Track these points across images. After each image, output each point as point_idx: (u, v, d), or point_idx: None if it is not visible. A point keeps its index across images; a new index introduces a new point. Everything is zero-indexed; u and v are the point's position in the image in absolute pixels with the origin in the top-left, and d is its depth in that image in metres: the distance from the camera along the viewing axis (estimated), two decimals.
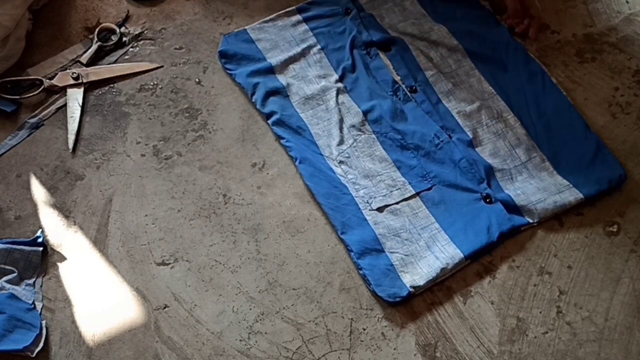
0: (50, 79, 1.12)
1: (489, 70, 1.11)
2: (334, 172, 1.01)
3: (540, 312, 0.91)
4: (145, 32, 1.19)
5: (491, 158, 1.02)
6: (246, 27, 1.17)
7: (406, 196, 0.99)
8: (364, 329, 0.91)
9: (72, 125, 1.08)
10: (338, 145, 1.04)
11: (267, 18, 1.18)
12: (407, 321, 0.91)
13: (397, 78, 1.11)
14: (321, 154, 1.03)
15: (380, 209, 0.98)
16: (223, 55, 1.14)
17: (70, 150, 1.06)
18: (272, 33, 1.17)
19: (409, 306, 0.92)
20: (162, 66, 1.15)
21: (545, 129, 1.04)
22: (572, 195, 0.97)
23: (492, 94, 1.09)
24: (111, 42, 1.17)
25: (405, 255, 0.94)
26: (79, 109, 1.10)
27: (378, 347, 0.89)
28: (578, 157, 1.01)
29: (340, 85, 1.10)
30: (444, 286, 0.93)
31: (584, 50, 1.14)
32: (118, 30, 1.18)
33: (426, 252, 0.94)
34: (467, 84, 1.10)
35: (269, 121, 1.07)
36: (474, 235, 0.94)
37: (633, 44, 1.14)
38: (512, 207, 0.97)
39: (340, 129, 1.06)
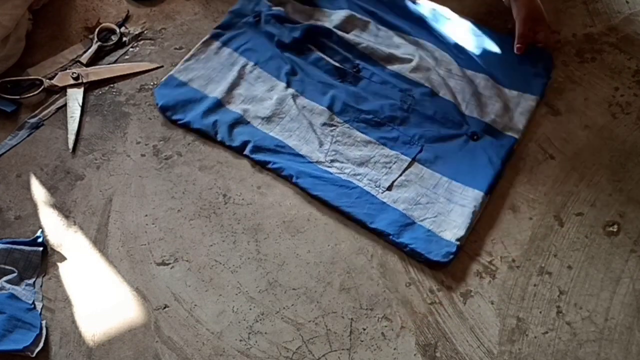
0: (50, 79, 1.13)
1: (403, 26, 1.17)
2: (332, 173, 1.02)
3: (540, 312, 0.91)
4: (145, 32, 1.19)
5: (454, 98, 1.08)
6: (172, 73, 1.12)
7: (404, 166, 1.02)
8: (364, 329, 0.91)
9: (72, 125, 1.08)
10: (320, 147, 1.04)
11: (188, 56, 1.14)
12: (407, 321, 0.91)
13: (337, 64, 1.13)
14: (310, 162, 1.03)
15: (389, 188, 1.00)
16: (165, 109, 1.08)
17: (70, 150, 1.06)
18: (200, 69, 1.13)
19: (409, 306, 0.92)
20: (162, 66, 1.15)
21: (471, 54, 1.13)
22: (528, 100, 1.06)
23: (419, 43, 1.15)
24: (111, 42, 1.17)
25: (434, 217, 0.97)
26: (79, 109, 1.10)
27: (378, 347, 0.89)
28: (509, 65, 1.10)
29: (291, 91, 1.10)
30: (444, 286, 0.93)
31: (584, 50, 1.14)
32: (118, 30, 1.18)
33: (450, 205, 0.98)
34: (395, 44, 1.15)
35: (246, 152, 1.04)
36: (482, 172, 1.00)
37: (633, 44, 1.14)
38: (496, 133, 1.04)
39: (314, 131, 1.06)
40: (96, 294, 0.94)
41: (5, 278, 0.93)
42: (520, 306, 0.92)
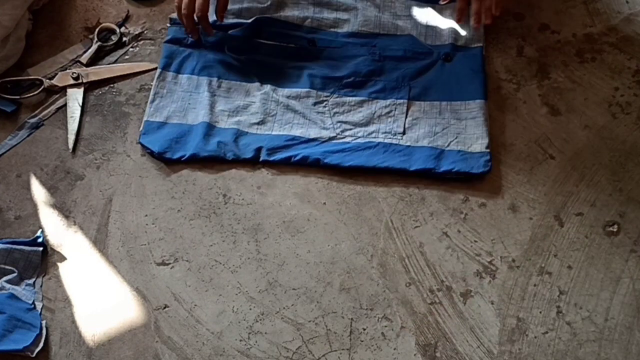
0: (50, 79, 1.12)
1: None
2: (349, 142, 1.04)
3: (540, 312, 0.91)
4: (145, 32, 1.19)
5: (414, 30, 1.15)
6: (146, 119, 1.07)
7: (405, 109, 1.07)
8: (364, 329, 0.91)
9: (72, 125, 1.08)
10: (324, 125, 1.06)
11: (151, 97, 1.08)
12: (407, 321, 0.91)
13: (293, 46, 1.14)
14: (324, 141, 1.05)
15: (404, 132, 1.04)
16: (162, 153, 1.03)
17: (70, 151, 1.06)
18: (169, 104, 1.08)
19: (409, 306, 0.92)
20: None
21: None
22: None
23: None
24: (111, 42, 1.17)
25: (456, 138, 1.04)
26: (79, 109, 1.10)
27: (378, 347, 0.89)
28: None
29: (267, 87, 1.09)
30: (444, 286, 0.93)
31: (584, 50, 1.14)
32: (118, 30, 1.18)
33: (462, 123, 1.05)
34: (334, 5, 1.18)
35: (263, 159, 1.03)
36: (471, 84, 1.08)
37: (633, 44, 1.14)
38: (463, 48, 1.13)
39: (310, 114, 1.07)
40: (96, 294, 0.94)
41: (5, 278, 0.93)
42: (520, 306, 0.92)
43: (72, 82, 1.12)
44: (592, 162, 1.03)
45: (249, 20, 1.15)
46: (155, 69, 1.14)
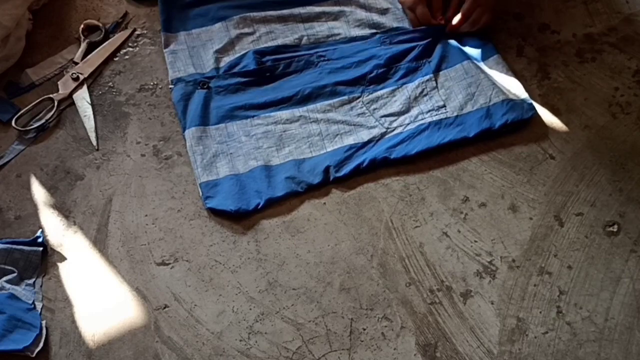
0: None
1: None
2: (402, 132, 1.05)
3: (540, 312, 0.91)
4: (145, 32, 1.19)
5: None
6: (200, 182, 1.01)
7: (434, 84, 1.09)
8: (364, 329, 0.91)
9: (89, 124, 1.09)
10: (370, 124, 1.06)
11: (193, 160, 1.03)
12: (407, 321, 0.91)
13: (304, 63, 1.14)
14: (380, 140, 1.05)
15: (444, 105, 1.07)
16: (238, 208, 0.99)
17: (96, 148, 1.06)
18: (212, 159, 1.03)
19: (409, 306, 0.92)
20: (134, 29, 1.18)
21: None
22: None
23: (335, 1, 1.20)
24: (98, 38, 1.18)
25: (495, 90, 1.07)
26: (90, 106, 1.10)
27: (378, 347, 0.89)
28: None
29: (299, 110, 1.07)
30: (444, 286, 0.93)
31: (584, 50, 1.14)
32: (101, 25, 1.18)
33: (492, 79, 1.08)
34: (318, 16, 1.18)
35: (334, 177, 1.01)
36: (481, 42, 1.13)
37: (633, 44, 1.14)
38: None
39: (352, 120, 1.06)
40: (96, 294, 0.94)
41: (5, 278, 0.93)
42: (520, 306, 0.92)
43: (74, 84, 1.12)
44: (592, 162, 1.03)
45: (245, 51, 1.13)
46: (132, 34, 1.17)
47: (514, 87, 1.08)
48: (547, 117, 1.08)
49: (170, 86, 1.11)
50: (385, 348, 0.89)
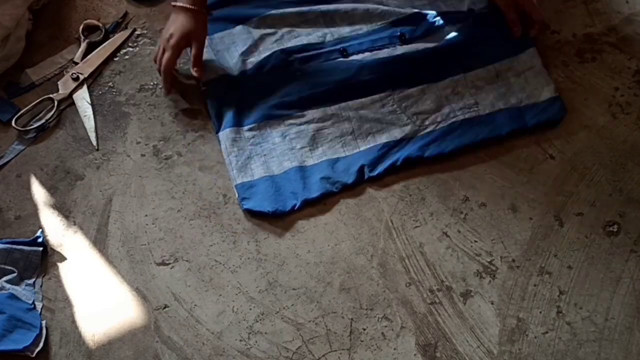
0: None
1: None
2: (435, 130, 1.04)
3: (540, 312, 0.91)
4: (145, 32, 1.19)
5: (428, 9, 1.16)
6: (236, 184, 1.01)
7: (465, 83, 1.09)
8: (364, 329, 0.91)
9: (89, 124, 1.09)
10: (402, 122, 1.05)
11: (227, 161, 1.03)
12: (407, 321, 0.91)
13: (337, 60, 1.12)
14: (413, 137, 1.04)
15: (476, 103, 1.07)
16: (275, 209, 0.99)
17: (96, 148, 1.06)
18: (247, 160, 1.03)
19: (409, 306, 0.92)
20: (134, 29, 1.17)
21: None
22: None
23: None
24: (98, 38, 1.18)
25: (524, 93, 1.07)
26: (90, 106, 1.10)
27: (378, 347, 0.89)
28: None
29: (332, 108, 1.07)
30: (444, 286, 0.93)
31: (584, 50, 1.14)
32: (101, 25, 1.18)
33: (522, 76, 1.09)
34: (340, 10, 1.16)
35: (368, 176, 1.01)
36: (506, 38, 1.11)
37: (633, 44, 1.14)
38: (479, 12, 1.14)
39: (383, 119, 1.06)
40: (96, 294, 0.94)
41: (5, 278, 0.93)
42: (520, 306, 0.92)
43: (74, 84, 1.12)
44: (592, 162, 1.03)
45: (270, 51, 1.12)
46: (132, 33, 1.17)
47: (546, 87, 1.07)
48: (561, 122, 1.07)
49: (203, 88, 1.10)
50: (385, 348, 0.89)
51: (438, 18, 1.13)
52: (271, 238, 0.98)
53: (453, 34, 1.12)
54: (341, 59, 1.11)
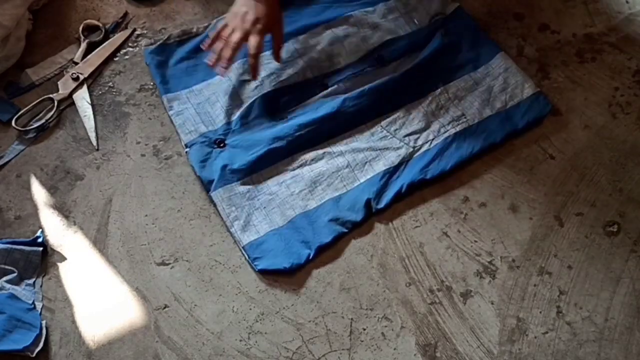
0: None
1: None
2: (430, 149, 1.03)
3: (540, 312, 0.91)
4: (145, 32, 1.19)
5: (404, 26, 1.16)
6: (243, 245, 0.97)
7: (447, 95, 1.09)
8: (364, 329, 0.91)
9: (89, 124, 1.09)
10: (396, 147, 1.04)
11: (228, 223, 0.98)
12: (407, 321, 0.91)
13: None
14: (410, 159, 1.03)
15: (464, 114, 1.07)
16: (292, 268, 0.95)
17: (96, 148, 1.06)
18: (249, 217, 0.98)
19: (409, 306, 0.92)
20: (134, 29, 1.17)
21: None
22: None
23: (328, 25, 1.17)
24: (98, 38, 1.18)
25: (508, 94, 1.08)
26: (90, 106, 1.10)
27: (378, 347, 0.89)
28: None
29: (321, 151, 1.04)
30: (444, 286, 0.93)
31: (584, 50, 1.14)
32: (101, 25, 1.18)
33: (499, 78, 1.10)
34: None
35: (376, 209, 0.99)
36: (480, 45, 1.14)
37: (633, 44, 1.14)
38: (447, 17, 1.16)
39: (375, 147, 1.04)
40: (96, 294, 0.94)
41: (5, 278, 0.93)
42: (520, 306, 0.92)
43: (74, 84, 1.12)
44: (592, 162, 1.03)
45: (252, 99, 1.08)
46: (132, 34, 1.17)
47: (527, 84, 1.08)
48: (547, 117, 1.07)
49: (186, 150, 1.04)
50: (385, 348, 0.89)
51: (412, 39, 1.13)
52: None
53: (428, 51, 1.11)
54: (323, 99, 1.08)
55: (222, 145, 1.04)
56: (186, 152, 1.04)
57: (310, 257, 0.95)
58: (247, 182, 1.01)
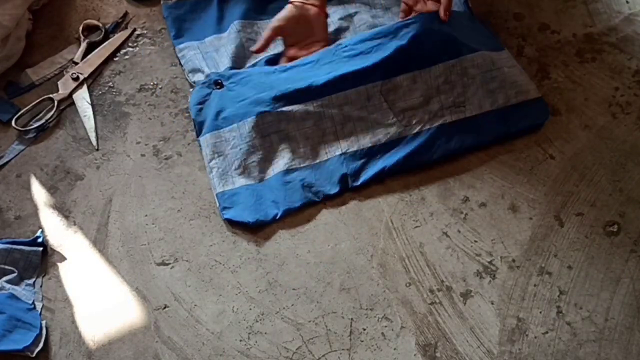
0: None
1: None
2: (421, 133, 1.02)
3: (540, 312, 0.91)
4: (145, 32, 1.19)
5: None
6: (216, 192, 1.00)
7: (459, 70, 1.04)
8: (364, 329, 0.91)
9: (89, 124, 1.09)
10: (387, 122, 1.02)
11: (207, 167, 1.02)
12: (407, 321, 0.91)
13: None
14: (397, 139, 1.02)
15: (465, 100, 1.04)
16: (256, 223, 0.97)
17: (96, 148, 1.06)
18: (228, 167, 1.01)
19: (409, 306, 0.92)
20: (134, 29, 1.17)
21: None
22: None
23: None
24: (98, 38, 1.18)
25: (512, 89, 1.06)
26: (90, 106, 1.10)
27: (378, 347, 0.89)
28: None
29: (314, 104, 1.02)
30: (444, 286, 0.93)
31: (584, 50, 1.14)
32: (101, 25, 1.18)
33: (509, 70, 1.07)
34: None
35: (352, 186, 1.00)
36: (488, 37, 1.11)
37: (633, 44, 1.14)
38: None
39: (367, 117, 1.02)
40: (96, 294, 0.94)
41: (5, 278, 0.93)
42: (520, 306, 0.92)
43: (74, 84, 1.12)
44: (592, 162, 1.03)
45: (256, 60, 1.11)
46: (131, 34, 1.17)
47: (532, 86, 1.07)
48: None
49: (191, 90, 1.10)
50: (385, 348, 0.89)
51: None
52: (271, 238, 0.98)
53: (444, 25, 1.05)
54: (330, 50, 1.07)
55: (220, 86, 1.07)
56: (191, 91, 1.10)
57: (277, 217, 0.98)
58: (234, 130, 1.02)
